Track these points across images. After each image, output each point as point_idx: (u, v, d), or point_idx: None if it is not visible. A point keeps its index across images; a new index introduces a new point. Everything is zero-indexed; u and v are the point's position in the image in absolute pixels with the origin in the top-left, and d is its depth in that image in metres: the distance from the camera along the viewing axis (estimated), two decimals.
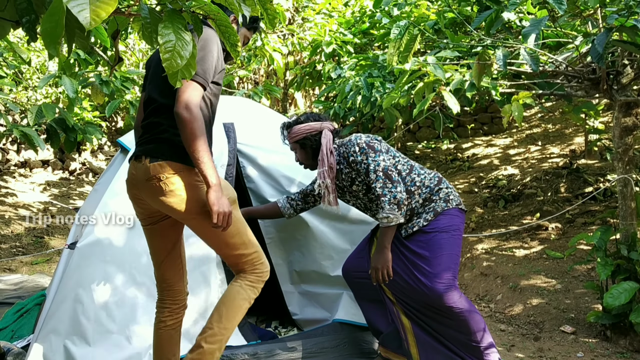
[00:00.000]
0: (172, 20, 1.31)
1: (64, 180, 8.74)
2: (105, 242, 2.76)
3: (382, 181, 2.58)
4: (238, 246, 2.14)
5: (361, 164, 2.65)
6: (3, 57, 5.36)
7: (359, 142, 2.69)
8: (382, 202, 2.57)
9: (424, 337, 2.69)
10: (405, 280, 2.63)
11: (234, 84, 9.27)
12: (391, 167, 2.63)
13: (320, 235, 3.18)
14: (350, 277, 2.94)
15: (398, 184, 2.58)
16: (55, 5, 1.17)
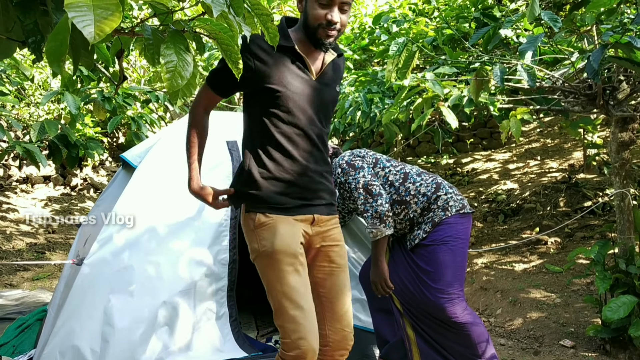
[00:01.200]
0: (174, 41, 1.34)
1: (65, 196, 8.77)
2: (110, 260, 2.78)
3: (363, 197, 2.63)
4: (273, 306, 1.97)
5: (345, 184, 2.71)
6: (6, 74, 5.41)
7: (340, 164, 2.76)
8: (365, 218, 2.63)
9: (427, 349, 2.71)
10: (412, 292, 2.66)
11: (234, 100, 9.32)
12: (372, 181, 2.66)
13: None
14: (366, 283, 2.96)
15: (379, 197, 2.61)
16: (61, 25, 1.21)
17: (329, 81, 2.07)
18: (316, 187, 2.04)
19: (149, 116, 5.77)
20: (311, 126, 2.00)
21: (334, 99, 2.12)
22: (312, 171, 2.02)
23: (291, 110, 1.96)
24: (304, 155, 2.00)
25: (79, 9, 1.01)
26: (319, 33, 1.93)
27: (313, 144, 2.02)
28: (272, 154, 1.99)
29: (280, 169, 1.99)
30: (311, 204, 2.03)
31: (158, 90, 5.79)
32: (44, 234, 7.03)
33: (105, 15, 1.02)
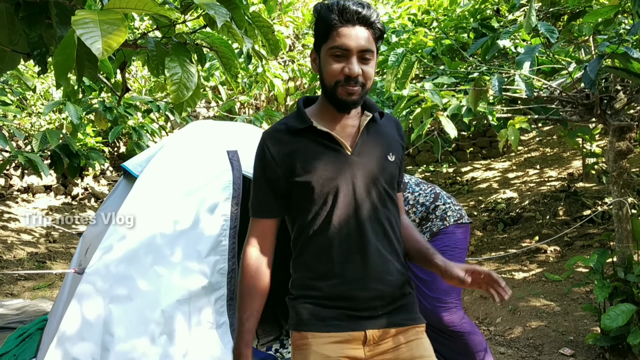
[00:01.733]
0: (178, 53, 1.37)
1: (67, 205, 8.79)
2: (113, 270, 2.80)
3: None
4: None
5: None
6: (9, 84, 5.45)
7: None
8: None
9: None
10: None
11: (235, 110, 9.37)
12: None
13: None
14: None
15: None
16: (67, 39, 1.23)
17: (373, 149, 1.64)
18: (367, 294, 1.58)
19: (150, 126, 5.80)
20: (358, 211, 1.59)
21: (388, 171, 1.65)
22: (361, 273, 1.58)
23: (326, 200, 1.59)
24: (346, 252, 1.59)
25: (85, 26, 1.04)
26: (339, 92, 1.56)
27: (361, 235, 1.59)
28: (307, 258, 1.65)
29: (319, 275, 1.63)
30: (360, 316, 1.59)
31: (159, 100, 5.83)
32: (45, 244, 7.05)
33: (111, 31, 1.05)
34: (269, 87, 7.51)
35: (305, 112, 1.67)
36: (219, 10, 1.25)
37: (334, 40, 1.53)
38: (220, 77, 6.96)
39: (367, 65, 1.56)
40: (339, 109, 1.61)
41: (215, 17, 1.23)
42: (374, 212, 1.61)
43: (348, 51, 1.52)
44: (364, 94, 1.59)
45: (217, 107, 9.57)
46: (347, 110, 1.61)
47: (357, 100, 1.58)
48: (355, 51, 1.52)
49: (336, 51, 1.53)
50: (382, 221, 1.62)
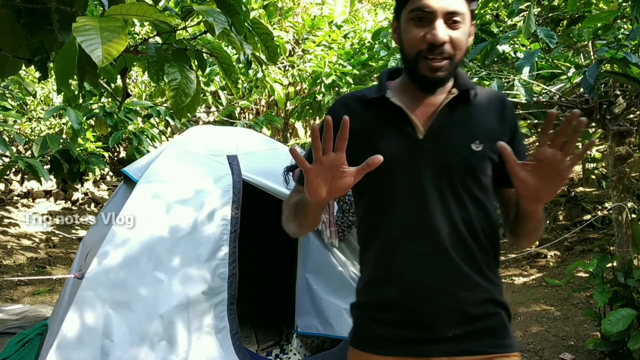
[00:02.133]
0: (177, 59, 1.38)
1: (66, 210, 8.79)
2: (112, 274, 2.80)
3: None
4: None
5: (346, 196, 2.74)
6: (9, 89, 5.47)
7: None
8: None
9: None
10: None
11: (235, 115, 9.39)
12: None
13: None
14: None
15: None
16: (68, 46, 1.24)
17: (453, 135, 1.32)
18: (431, 310, 1.29)
19: (150, 131, 5.82)
20: (424, 208, 1.30)
21: (470, 163, 1.31)
22: (424, 283, 1.29)
23: (384, 190, 1.34)
24: (407, 256, 1.31)
25: (86, 33, 1.05)
26: (420, 67, 1.27)
27: (426, 237, 1.30)
28: (367, 257, 1.40)
29: (373, 280, 1.37)
30: (420, 338, 1.29)
31: (159, 105, 5.84)
32: (45, 249, 7.05)
33: (111, 38, 1.06)
34: (269, 92, 7.53)
35: (385, 83, 1.39)
36: (218, 18, 1.26)
37: (415, 2, 1.27)
38: (221, 82, 6.98)
39: (457, 31, 1.26)
40: (422, 87, 1.32)
41: (214, 25, 1.24)
42: (446, 211, 1.30)
43: (431, 13, 1.24)
44: (453, 68, 1.28)
45: (217, 112, 9.59)
46: (432, 90, 1.32)
47: (444, 76, 1.28)
48: (440, 13, 1.24)
49: (417, 14, 1.26)
50: (456, 224, 1.30)
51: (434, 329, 1.28)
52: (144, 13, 1.14)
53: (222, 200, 3.05)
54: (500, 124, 1.37)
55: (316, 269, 3.23)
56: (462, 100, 1.34)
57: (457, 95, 1.33)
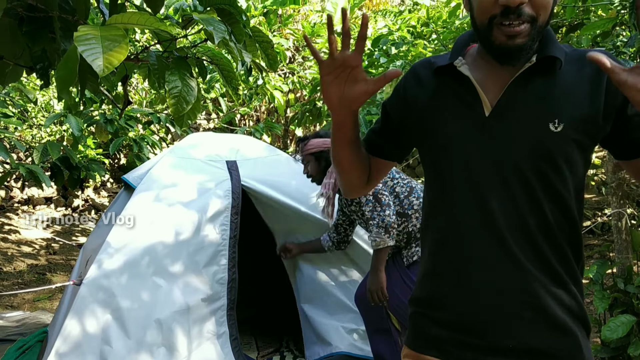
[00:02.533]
0: (178, 67, 1.39)
1: (67, 217, 8.80)
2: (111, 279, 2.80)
3: (371, 204, 2.63)
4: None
5: None
6: (10, 96, 5.49)
7: None
8: (370, 225, 2.62)
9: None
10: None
11: (235, 121, 9.41)
12: (383, 190, 2.67)
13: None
14: (362, 304, 2.94)
15: (387, 207, 2.61)
16: (70, 54, 1.25)
17: (526, 112, 1.11)
18: (490, 315, 1.12)
19: (151, 138, 5.83)
20: (485, 199, 1.12)
21: (546, 146, 1.09)
22: (482, 283, 1.12)
23: (442, 173, 1.19)
24: (464, 251, 1.15)
25: (87, 42, 1.06)
26: (494, 35, 1.07)
27: (486, 233, 1.12)
28: (425, 244, 1.26)
29: (429, 272, 1.23)
30: (477, 345, 1.13)
31: (160, 112, 5.86)
32: (45, 255, 7.05)
33: (112, 47, 1.07)
34: (269, 99, 7.55)
35: (462, 48, 1.21)
36: (218, 27, 1.27)
37: None
38: (221, 89, 7.00)
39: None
40: (500, 59, 1.11)
41: (214, 33, 1.25)
42: (512, 204, 1.10)
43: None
44: (536, 32, 1.06)
45: (217, 118, 9.62)
46: (511, 61, 1.10)
47: (525, 44, 1.06)
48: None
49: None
50: (525, 219, 1.10)
51: (490, 335, 1.12)
52: (145, 22, 1.15)
53: (222, 206, 3.06)
54: (595, 94, 1.10)
55: (310, 297, 3.29)
56: (544, 70, 1.12)
57: (535, 63, 1.10)
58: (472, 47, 1.23)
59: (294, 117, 8.62)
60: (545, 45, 1.11)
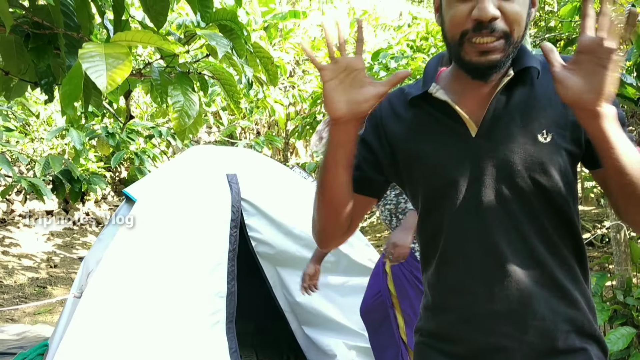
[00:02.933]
0: (180, 82, 1.42)
1: (68, 230, 8.81)
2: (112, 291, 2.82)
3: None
4: None
5: None
6: (12, 110, 5.53)
7: None
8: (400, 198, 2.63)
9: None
10: None
11: (236, 135, 9.46)
12: None
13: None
14: (368, 318, 2.87)
15: None
16: (74, 70, 1.28)
17: (513, 127, 1.07)
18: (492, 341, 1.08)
19: (152, 151, 5.87)
20: (484, 221, 1.08)
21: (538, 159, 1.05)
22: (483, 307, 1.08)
23: (435, 201, 1.14)
24: (464, 276, 1.10)
25: (91, 60, 1.09)
26: (466, 51, 1.03)
27: (487, 255, 1.07)
28: (425, 277, 1.22)
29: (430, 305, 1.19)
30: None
31: (161, 126, 5.90)
32: (46, 269, 7.06)
33: (116, 65, 1.10)
34: (269, 113, 7.60)
35: (433, 74, 1.16)
36: (221, 42, 1.30)
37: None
38: (222, 103, 7.05)
39: (512, 2, 1.00)
40: (473, 75, 1.06)
41: (217, 48, 1.28)
42: (512, 223, 1.06)
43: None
44: (510, 48, 1.02)
45: (218, 132, 9.66)
46: (485, 77, 1.06)
47: (499, 60, 1.02)
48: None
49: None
50: (527, 238, 1.06)
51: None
52: (148, 40, 1.18)
53: (221, 219, 3.08)
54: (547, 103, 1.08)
55: (310, 320, 3.32)
56: (522, 81, 1.09)
57: (513, 76, 1.07)
58: (442, 71, 1.19)
59: (294, 130, 8.68)
60: (520, 57, 1.08)
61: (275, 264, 3.28)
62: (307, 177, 3.96)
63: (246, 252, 3.23)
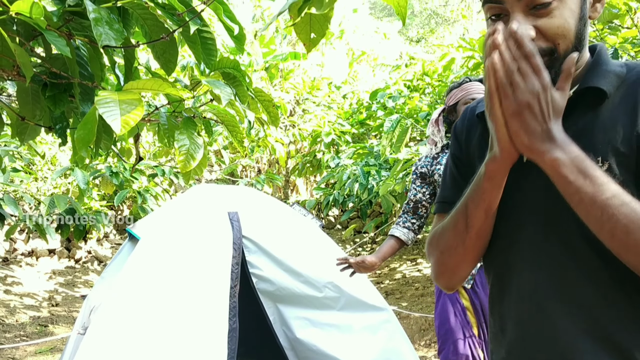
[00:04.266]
0: (186, 126, 1.53)
1: (70, 269, 8.85)
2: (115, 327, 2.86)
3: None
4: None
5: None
6: (18, 150, 5.65)
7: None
8: None
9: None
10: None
11: (237, 173, 9.57)
12: None
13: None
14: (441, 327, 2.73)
15: None
16: (89, 116, 1.38)
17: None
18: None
19: (154, 189, 5.97)
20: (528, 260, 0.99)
21: None
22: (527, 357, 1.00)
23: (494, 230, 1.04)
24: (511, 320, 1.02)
25: (107, 105, 1.19)
26: None
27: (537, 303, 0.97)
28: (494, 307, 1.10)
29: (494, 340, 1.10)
30: None
31: (164, 165, 6.01)
32: (48, 307, 7.07)
33: (129, 110, 1.20)
34: (270, 151, 7.73)
35: None
36: (224, 90, 1.40)
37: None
38: (224, 142, 7.18)
39: (548, 17, 0.90)
40: None
41: (221, 96, 1.39)
42: (559, 266, 0.95)
43: (503, 3, 0.92)
44: (558, 64, 0.91)
45: (219, 170, 9.79)
46: None
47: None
48: (512, 1, 0.91)
49: (488, 9, 0.96)
50: (574, 284, 0.94)
51: None
52: (158, 87, 1.29)
53: (223, 256, 3.15)
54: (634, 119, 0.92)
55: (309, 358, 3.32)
56: (584, 103, 0.97)
57: (572, 97, 0.95)
58: None
59: (294, 168, 8.80)
60: (590, 72, 0.97)
61: (275, 300, 3.33)
62: (307, 215, 4.04)
63: (247, 289, 3.28)
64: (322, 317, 3.30)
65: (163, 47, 1.57)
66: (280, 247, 3.37)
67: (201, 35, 1.60)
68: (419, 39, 19.53)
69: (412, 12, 21.22)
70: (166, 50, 1.59)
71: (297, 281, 3.29)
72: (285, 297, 3.31)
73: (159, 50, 1.60)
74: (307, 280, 3.24)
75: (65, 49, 1.30)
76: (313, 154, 7.84)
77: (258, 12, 10.23)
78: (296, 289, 3.29)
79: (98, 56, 1.62)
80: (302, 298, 3.26)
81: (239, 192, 3.88)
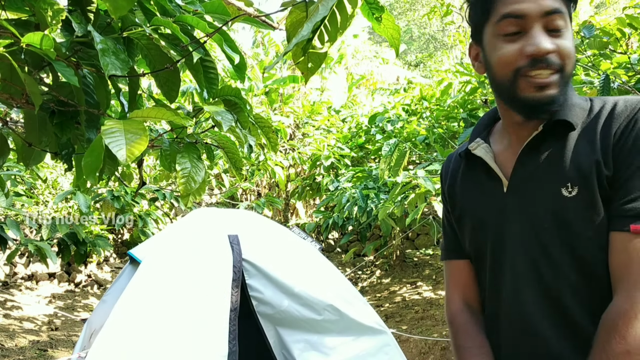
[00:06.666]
0: (188, 151, 1.58)
1: (69, 293, 8.84)
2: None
3: None
4: None
5: None
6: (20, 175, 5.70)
7: None
8: None
9: None
10: None
11: (237, 196, 9.62)
12: None
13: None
14: None
15: None
16: (96, 143, 1.44)
17: (540, 181, 1.04)
18: None
19: (155, 213, 6.00)
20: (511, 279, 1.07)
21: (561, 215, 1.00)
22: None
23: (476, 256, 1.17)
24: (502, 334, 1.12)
25: (112, 135, 1.24)
26: (521, 87, 1.00)
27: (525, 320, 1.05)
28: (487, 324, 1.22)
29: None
30: None
31: (164, 189, 6.06)
32: (47, 331, 7.06)
33: (134, 140, 1.25)
34: (270, 174, 7.79)
35: (481, 128, 1.21)
36: (226, 117, 1.46)
37: (501, 8, 0.99)
38: (224, 165, 7.24)
39: (561, 38, 0.98)
40: (529, 114, 1.04)
41: (222, 123, 1.44)
42: (539, 282, 1.03)
43: (525, 18, 0.97)
44: (564, 83, 0.99)
45: (220, 193, 9.83)
46: (541, 115, 1.02)
47: (556, 95, 0.98)
48: (536, 16, 0.96)
49: (506, 24, 0.99)
50: (554, 297, 1.01)
51: None
52: (162, 116, 1.34)
53: (223, 279, 3.17)
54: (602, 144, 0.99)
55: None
56: (553, 134, 1.04)
57: (544, 128, 1.04)
58: (497, 125, 1.20)
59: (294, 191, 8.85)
60: (564, 102, 1.04)
61: (275, 323, 3.34)
62: (306, 238, 4.07)
63: (247, 312, 3.30)
64: (322, 340, 3.31)
65: (166, 76, 1.63)
66: (280, 270, 3.39)
67: (204, 64, 1.66)
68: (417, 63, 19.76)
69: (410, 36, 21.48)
70: (169, 79, 1.65)
71: (296, 304, 3.31)
72: (285, 320, 3.32)
73: (162, 79, 1.66)
74: (307, 303, 3.25)
75: (73, 78, 1.36)
76: (312, 177, 7.90)
77: (259, 37, 10.39)
78: (296, 312, 3.31)
79: (104, 84, 1.68)
80: (302, 321, 3.27)
81: (239, 215, 3.91)
